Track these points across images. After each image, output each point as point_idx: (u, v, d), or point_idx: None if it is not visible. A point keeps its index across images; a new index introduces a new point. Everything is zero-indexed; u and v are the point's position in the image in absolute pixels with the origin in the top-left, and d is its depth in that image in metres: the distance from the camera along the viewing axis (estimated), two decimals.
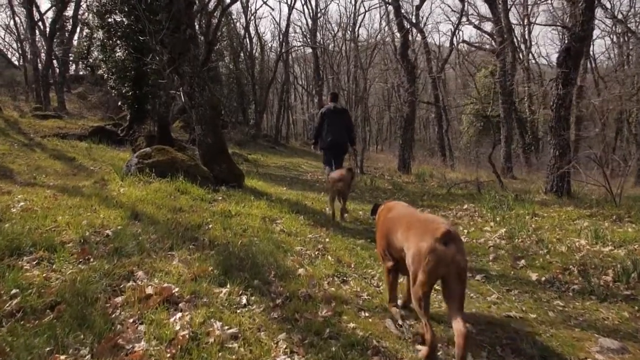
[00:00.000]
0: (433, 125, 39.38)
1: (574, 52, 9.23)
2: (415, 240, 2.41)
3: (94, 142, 14.04)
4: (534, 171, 21.41)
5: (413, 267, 2.38)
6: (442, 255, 2.27)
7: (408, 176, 14.32)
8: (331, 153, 7.93)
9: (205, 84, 7.03)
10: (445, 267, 2.28)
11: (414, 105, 15.60)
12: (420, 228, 2.46)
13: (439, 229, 2.32)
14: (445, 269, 2.28)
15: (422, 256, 2.31)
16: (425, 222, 2.49)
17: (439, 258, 2.27)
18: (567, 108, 9.52)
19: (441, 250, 2.27)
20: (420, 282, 2.32)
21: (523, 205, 7.38)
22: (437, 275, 2.31)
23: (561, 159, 9.43)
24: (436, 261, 2.27)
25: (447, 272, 2.29)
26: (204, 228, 4.31)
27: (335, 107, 8.12)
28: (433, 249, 2.28)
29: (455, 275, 2.30)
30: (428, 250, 2.29)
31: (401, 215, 2.83)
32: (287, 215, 5.41)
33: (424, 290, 2.32)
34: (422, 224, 2.49)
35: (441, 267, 2.28)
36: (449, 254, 2.27)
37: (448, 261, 2.27)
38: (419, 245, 2.35)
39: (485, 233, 6.01)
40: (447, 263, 2.27)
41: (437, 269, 2.28)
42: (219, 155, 7.21)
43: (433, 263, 2.27)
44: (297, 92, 46.67)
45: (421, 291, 2.32)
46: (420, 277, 2.32)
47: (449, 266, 2.28)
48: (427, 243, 2.31)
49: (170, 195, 5.57)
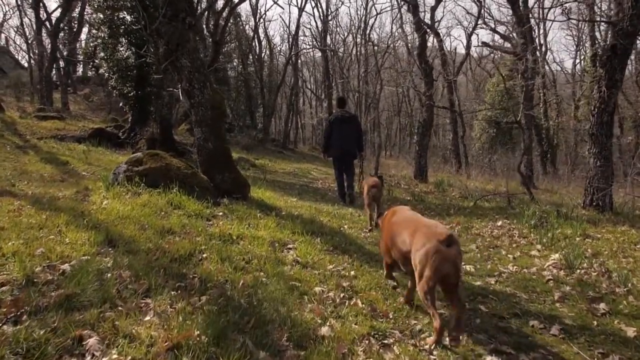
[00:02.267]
0: (444, 131, 38.46)
1: (620, 50, 8.25)
2: (422, 243, 2.69)
3: (93, 144, 13.26)
4: (554, 180, 20.37)
5: (420, 265, 2.65)
6: (446, 255, 2.57)
7: (426, 185, 13.33)
8: (340, 162, 8.11)
9: (206, 80, 6.13)
10: (448, 267, 2.57)
11: (432, 109, 14.64)
12: (425, 232, 2.74)
13: (442, 233, 2.63)
14: (448, 268, 2.58)
15: (429, 256, 2.59)
16: (429, 227, 2.79)
17: (444, 258, 2.56)
18: (611, 113, 8.52)
19: (445, 251, 2.57)
20: (426, 277, 2.59)
21: (570, 224, 6.39)
22: (441, 273, 2.57)
23: (603, 170, 8.44)
24: (441, 260, 2.56)
25: (449, 271, 2.59)
26: (196, 258, 3.37)
27: (343, 115, 8.15)
28: (438, 250, 2.57)
29: (455, 272, 2.61)
30: (434, 251, 2.58)
31: (405, 219, 3.17)
32: (301, 237, 4.46)
33: (429, 286, 2.58)
34: (427, 228, 2.78)
35: (445, 266, 2.57)
36: (452, 254, 2.59)
37: (451, 261, 2.58)
38: (426, 247, 2.63)
39: (534, 259, 5.04)
40: (450, 263, 2.58)
41: (441, 267, 2.56)
42: (222, 162, 6.30)
43: (438, 262, 2.56)
44: (306, 96, 45.84)
45: (427, 286, 2.58)
46: (427, 273, 2.59)
47: (452, 266, 2.58)
48: (433, 245, 2.60)
49: (161, 210, 4.65)
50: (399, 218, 3.24)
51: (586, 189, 8.80)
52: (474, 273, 4.39)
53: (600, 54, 8.82)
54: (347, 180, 8.32)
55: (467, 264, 4.69)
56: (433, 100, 15.18)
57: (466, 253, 5.28)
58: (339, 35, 41.87)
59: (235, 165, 6.66)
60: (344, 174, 8.26)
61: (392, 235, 3.13)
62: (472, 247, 5.56)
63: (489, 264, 4.78)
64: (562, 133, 31.50)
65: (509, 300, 3.61)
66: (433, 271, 2.56)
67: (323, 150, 8.50)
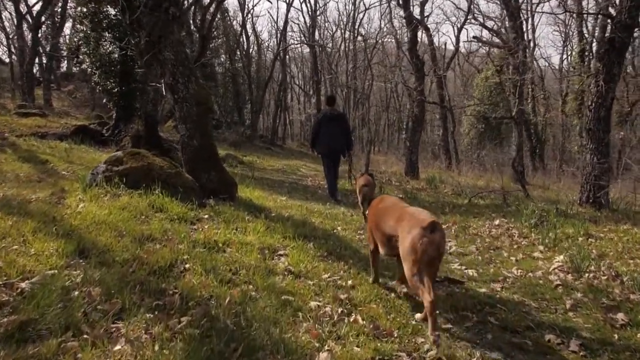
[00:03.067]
0: (433, 127, 38.31)
1: (618, 43, 8.05)
2: (408, 229, 2.82)
3: (75, 142, 12.77)
4: (544, 176, 20.29)
5: (407, 250, 2.78)
6: (431, 240, 2.69)
7: (418, 182, 13.08)
8: (329, 159, 8.22)
9: (191, 74, 5.77)
10: (433, 251, 2.71)
11: (423, 104, 14.39)
12: (411, 219, 2.88)
13: (427, 219, 2.76)
14: (433, 253, 2.71)
15: (415, 242, 2.71)
16: (414, 214, 2.93)
17: (429, 243, 2.69)
18: (609, 108, 8.33)
19: (430, 237, 2.70)
20: (412, 262, 2.73)
21: (572, 223, 6.16)
22: (427, 257, 2.70)
23: (600, 166, 8.25)
24: (427, 245, 2.69)
25: (434, 255, 2.72)
26: (178, 270, 3.04)
27: (332, 113, 8.24)
28: (424, 235, 2.70)
29: (438, 257, 2.78)
30: (420, 237, 2.70)
31: (391, 206, 3.30)
32: (293, 242, 4.14)
33: (416, 268, 2.72)
34: (412, 215, 2.92)
35: (430, 251, 2.70)
36: (436, 239, 2.72)
37: (435, 246, 2.71)
38: (412, 233, 2.76)
39: (538, 262, 4.80)
40: (435, 248, 2.71)
41: (427, 252, 2.69)
42: (208, 160, 5.95)
43: (424, 247, 2.68)
44: (294, 92, 45.40)
45: (414, 270, 2.72)
46: (413, 258, 2.72)
47: (436, 250, 2.72)
48: (418, 231, 2.72)
49: (141, 214, 4.31)
50: (385, 204, 3.41)
51: (582, 186, 8.62)
52: (477, 278, 4.12)
53: (597, 47, 8.60)
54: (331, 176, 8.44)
55: (469, 268, 4.43)
56: (424, 96, 14.93)
57: (466, 255, 5.02)
58: (327, 30, 41.57)
59: (222, 163, 6.31)
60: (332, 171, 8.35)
61: (378, 221, 3.30)
62: (472, 249, 5.30)
63: (491, 268, 4.52)
64: (550, 128, 31.59)
65: (519, 310, 3.34)
66: (419, 256, 2.70)
67: (311, 145, 8.55)
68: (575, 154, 26.87)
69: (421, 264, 2.70)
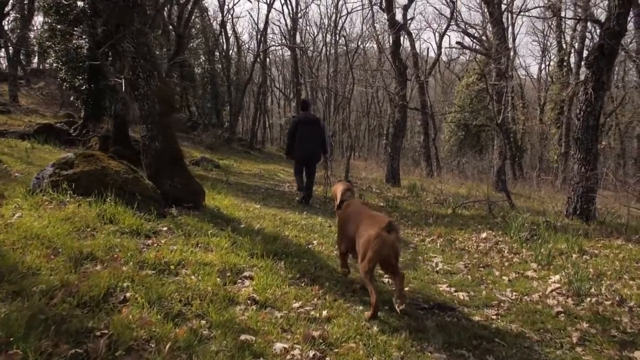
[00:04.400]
0: (413, 133, 38.11)
1: (607, 50, 7.77)
2: (365, 229, 3.07)
3: (39, 141, 11.98)
4: (525, 185, 20.16)
5: (363, 248, 3.00)
6: (386, 239, 2.92)
7: (399, 189, 12.66)
8: (304, 164, 8.17)
9: (154, 69, 5.20)
10: (387, 249, 2.93)
11: (405, 110, 14.01)
12: (369, 221, 3.12)
13: (382, 221, 3.00)
14: (387, 251, 2.93)
15: (371, 240, 2.94)
16: (372, 217, 3.19)
17: (384, 242, 2.91)
18: (597, 117, 8.04)
19: (385, 236, 2.92)
20: (368, 259, 2.94)
21: (565, 238, 5.77)
22: (381, 255, 2.93)
23: (588, 177, 7.94)
24: (381, 245, 2.91)
25: (388, 253, 2.94)
26: (116, 300, 2.47)
27: (308, 117, 8.20)
28: (379, 235, 2.92)
29: (394, 255, 2.99)
30: (375, 236, 2.93)
31: (356, 211, 3.47)
32: (261, 262, 3.59)
33: (370, 266, 2.95)
34: (370, 218, 3.17)
35: (385, 249, 2.92)
36: (391, 239, 2.93)
37: (389, 244, 2.93)
38: (369, 232, 2.99)
39: (532, 282, 4.37)
40: (389, 246, 2.93)
41: (381, 250, 2.91)
42: (171, 165, 5.38)
43: (378, 246, 2.91)
44: (275, 95, 44.77)
45: (368, 266, 2.94)
46: (368, 255, 2.93)
47: (390, 248, 2.94)
48: (374, 231, 2.96)
49: (87, 226, 3.72)
50: (351, 210, 3.58)
51: (570, 197, 8.30)
52: (469, 303, 3.65)
53: (586, 55, 8.30)
54: (308, 181, 8.33)
55: (459, 290, 3.96)
56: (407, 101, 14.56)
57: (454, 274, 4.56)
58: (309, 34, 41.14)
59: (187, 169, 5.73)
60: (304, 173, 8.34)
61: (344, 224, 3.52)
62: (460, 266, 4.85)
63: (483, 289, 4.07)
64: (528, 137, 31.73)
65: (520, 345, 2.89)
66: (373, 254, 2.89)
67: (286, 152, 8.44)
68: (553, 163, 27.01)
69: (374, 263, 2.94)
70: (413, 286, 3.98)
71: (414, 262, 4.85)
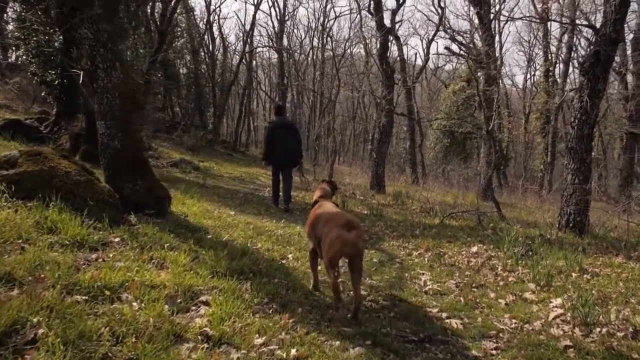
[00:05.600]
0: (398, 139, 37.81)
1: (604, 56, 7.41)
2: (329, 229, 3.16)
3: (5, 138, 11.25)
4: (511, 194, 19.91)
5: (327, 246, 3.10)
6: (346, 238, 3.02)
7: (384, 197, 12.19)
8: (281, 168, 8.17)
9: (116, 59, 4.63)
10: (348, 247, 3.04)
11: (392, 115, 13.58)
12: (332, 221, 3.23)
13: (344, 221, 3.13)
14: (348, 249, 3.05)
15: (334, 239, 3.04)
16: (337, 217, 3.30)
17: (345, 240, 3.02)
18: (592, 126, 7.68)
19: (346, 235, 3.03)
20: (330, 257, 3.05)
21: (564, 255, 5.32)
22: (342, 252, 3.07)
23: (582, 189, 7.57)
24: (343, 242, 3.02)
25: (350, 251, 3.06)
26: (21, 340, 1.93)
27: (283, 122, 8.25)
28: (340, 234, 3.04)
29: (356, 253, 3.11)
30: (337, 235, 3.04)
31: (324, 211, 3.60)
32: (223, 283, 3.04)
33: (333, 263, 3.05)
34: (335, 218, 3.27)
35: (346, 247, 3.03)
36: (351, 237, 3.04)
37: (350, 243, 3.03)
38: (332, 231, 3.10)
39: (532, 306, 3.91)
40: (350, 244, 3.03)
41: (343, 248, 3.03)
42: (133, 167, 4.81)
43: (340, 244, 3.02)
44: (260, 98, 44.14)
45: (331, 264, 3.05)
46: (330, 254, 3.05)
47: (352, 247, 3.05)
48: (336, 231, 3.08)
49: (19, 238, 3.14)
50: (319, 210, 3.69)
51: (562, 209, 7.91)
52: (463, 333, 3.17)
53: (582, 62, 7.95)
54: (285, 188, 8.29)
55: (451, 316, 3.48)
56: (394, 106, 14.14)
57: (445, 295, 4.09)
58: (296, 37, 40.66)
59: (152, 171, 5.16)
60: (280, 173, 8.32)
61: (313, 225, 3.54)
62: (451, 286, 4.37)
63: (478, 315, 3.60)
64: (512, 145, 31.69)
65: None
66: (335, 252, 3.03)
67: (264, 157, 8.36)
68: (538, 172, 26.93)
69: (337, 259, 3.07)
70: (400, 310, 3.49)
71: (400, 281, 4.37)
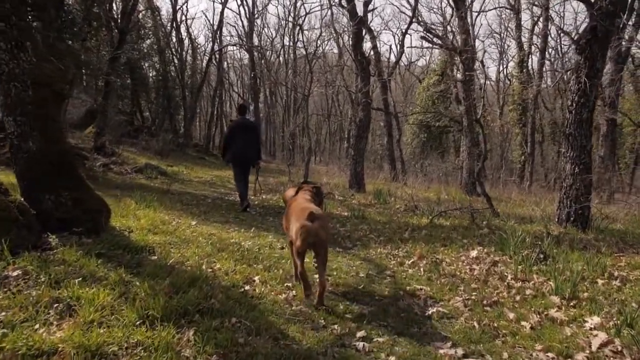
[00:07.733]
0: (375, 136, 37.16)
1: (601, 32, 6.72)
2: (295, 220, 3.38)
3: None
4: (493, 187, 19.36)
5: (294, 237, 3.32)
6: (309, 228, 3.20)
7: (364, 196, 11.34)
8: (239, 168, 8.15)
9: (26, 39, 3.66)
10: (312, 237, 3.21)
11: (369, 108, 12.77)
12: (298, 213, 3.43)
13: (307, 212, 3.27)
14: (312, 238, 3.22)
15: (298, 229, 3.24)
16: (302, 209, 3.44)
17: (308, 231, 3.20)
18: (592, 109, 6.98)
19: (309, 225, 3.21)
20: (297, 246, 3.26)
21: (582, 256, 4.55)
22: (307, 242, 3.23)
23: (583, 179, 6.88)
24: (306, 233, 3.20)
25: (314, 240, 3.23)
26: None
27: (245, 122, 8.33)
28: (304, 225, 3.22)
29: (320, 242, 3.27)
30: (300, 226, 3.24)
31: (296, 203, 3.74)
32: (154, 334, 2.12)
33: (299, 252, 3.27)
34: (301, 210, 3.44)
35: (310, 237, 3.21)
36: (314, 227, 3.21)
37: (314, 233, 3.21)
38: (297, 222, 3.31)
39: (564, 329, 3.09)
40: (313, 234, 3.21)
41: (307, 237, 3.20)
42: (55, 174, 3.82)
43: (305, 234, 3.20)
44: (233, 99, 42.88)
45: (297, 251, 3.27)
46: (297, 243, 3.25)
47: (315, 236, 3.22)
48: (300, 221, 3.26)
49: None
50: (293, 202, 3.84)
51: (561, 201, 7.21)
52: None
53: (577, 38, 7.25)
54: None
55: (469, 354, 2.63)
56: (370, 99, 13.33)
57: (453, 319, 3.24)
58: (267, 36, 39.58)
59: (82, 179, 4.17)
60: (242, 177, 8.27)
61: (288, 217, 3.73)
62: (457, 304, 3.53)
63: (501, 348, 2.76)
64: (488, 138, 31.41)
65: None
66: (300, 242, 3.23)
67: (222, 155, 8.58)
68: (517, 164, 26.61)
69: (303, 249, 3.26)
70: (403, 353, 2.62)
71: (396, 302, 3.49)
